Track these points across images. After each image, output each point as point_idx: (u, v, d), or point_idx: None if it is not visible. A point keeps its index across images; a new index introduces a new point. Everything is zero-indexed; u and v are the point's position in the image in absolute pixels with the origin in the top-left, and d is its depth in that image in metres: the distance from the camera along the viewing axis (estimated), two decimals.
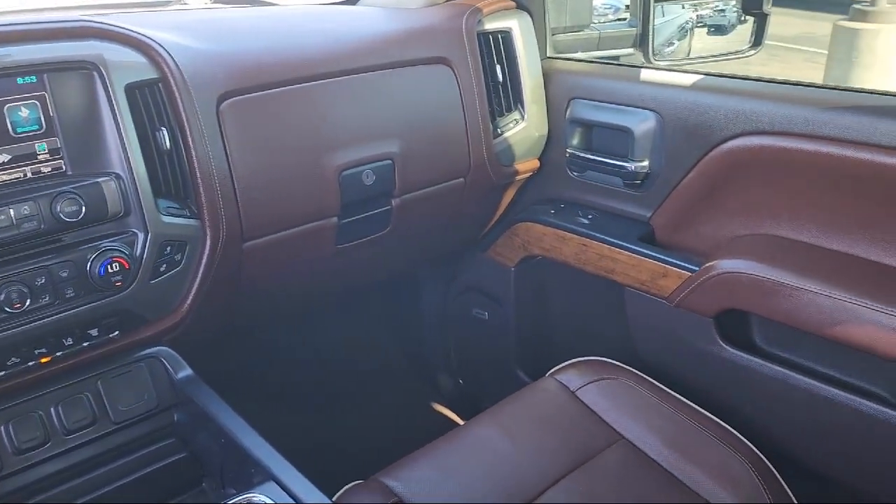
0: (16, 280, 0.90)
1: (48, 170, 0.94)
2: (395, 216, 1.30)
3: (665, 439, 1.11)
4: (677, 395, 1.20)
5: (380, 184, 1.23)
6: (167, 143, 1.01)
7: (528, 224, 1.54)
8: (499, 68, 1.41)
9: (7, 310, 0.90)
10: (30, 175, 0.93)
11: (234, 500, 0.84)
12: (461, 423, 1.85)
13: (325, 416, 1.83)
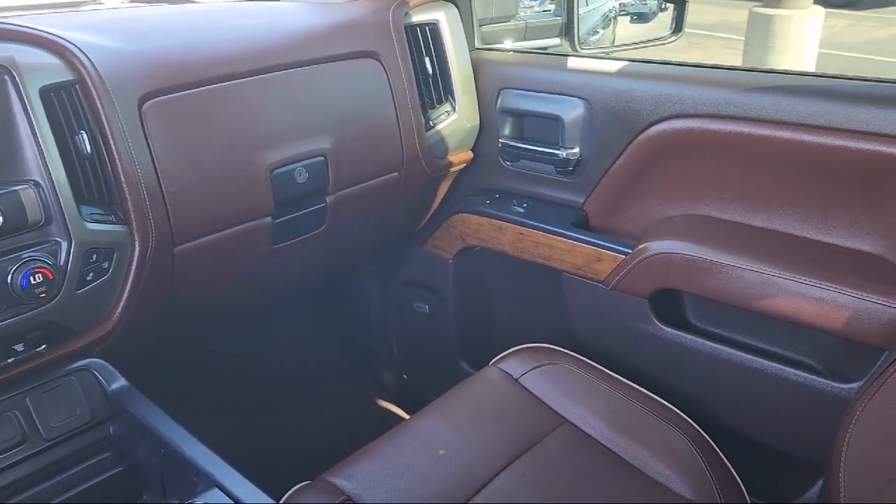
0: None
1: None
2: (330, 213, 1.29)
3: (608, 420, 1.14)
4: (618, 377, 1.23)
5: (313, 181, 1.22)
6: (88, 148, 0.97)
7: (465, 215, 1.55)
8: (428, 61, 1.41)
9: None
10: None
11: None
12: (407, 417, 1.85)
13: (269, 419, 1.80)
